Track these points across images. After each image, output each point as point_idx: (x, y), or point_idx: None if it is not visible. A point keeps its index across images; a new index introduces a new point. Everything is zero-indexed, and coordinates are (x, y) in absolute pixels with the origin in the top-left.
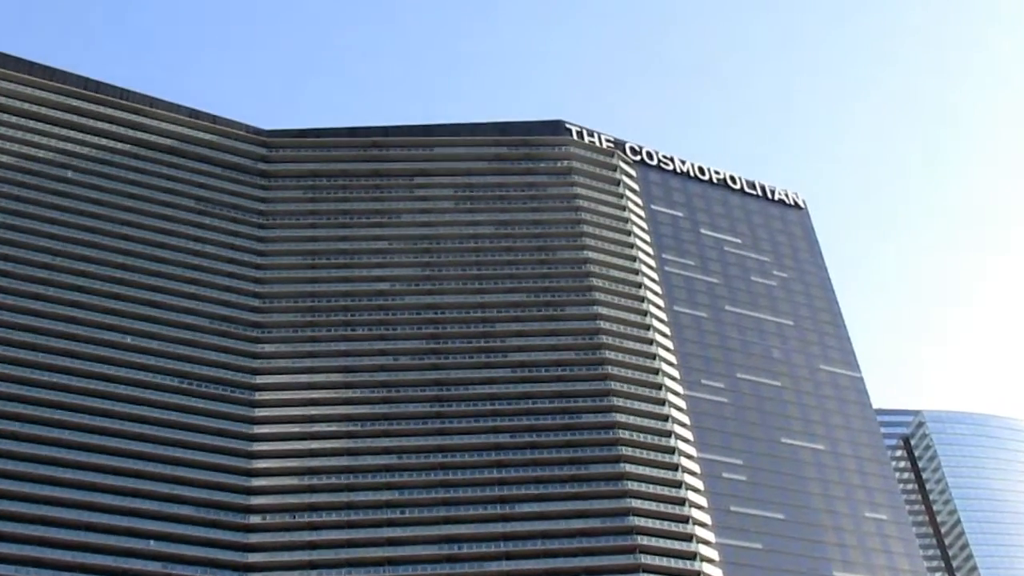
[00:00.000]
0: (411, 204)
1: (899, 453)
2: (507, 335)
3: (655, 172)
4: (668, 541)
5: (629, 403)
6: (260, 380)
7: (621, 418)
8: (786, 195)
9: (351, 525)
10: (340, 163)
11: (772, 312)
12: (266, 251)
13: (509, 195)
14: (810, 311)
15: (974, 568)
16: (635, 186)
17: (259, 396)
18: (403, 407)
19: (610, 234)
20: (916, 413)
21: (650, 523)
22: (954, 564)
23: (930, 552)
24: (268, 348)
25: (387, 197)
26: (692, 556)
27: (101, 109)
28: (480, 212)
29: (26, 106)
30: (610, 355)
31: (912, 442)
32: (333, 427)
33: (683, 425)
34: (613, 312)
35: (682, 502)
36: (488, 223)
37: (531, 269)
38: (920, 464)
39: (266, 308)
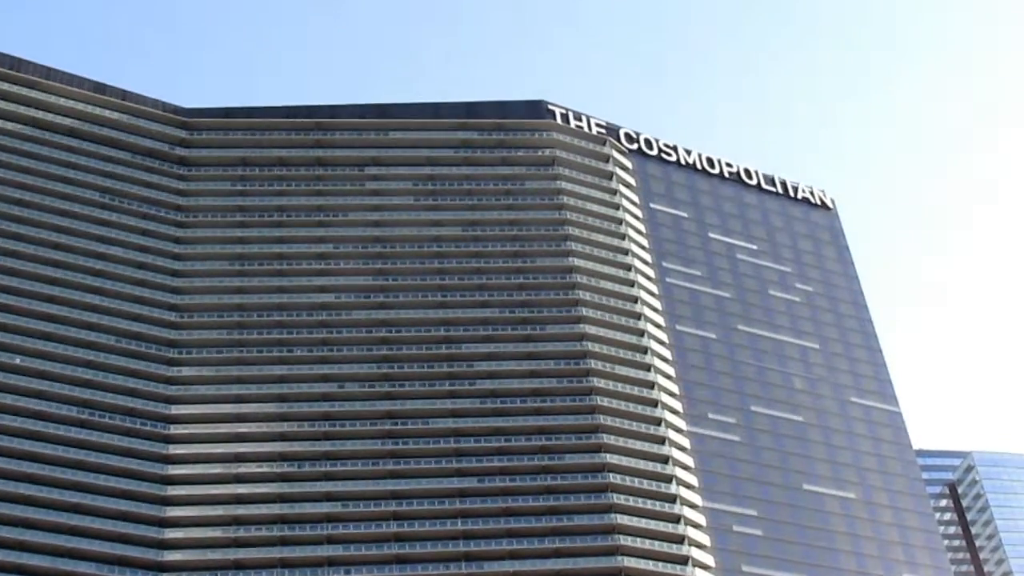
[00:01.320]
0: (361, 200)
1: (944, 503)
2: (475, 358)
3: (655, 164)
4: None
5: (621, 441)
6: (176, 411)
7: (612, 459)
8: (811, 193)
9: None
10: (276, 149)
11: (794, 333)
12: (185, 254)
13: (479, 190)
14: (839, 332)
15: None
16: (631, 180)
17: (174, 430)
18: (348, 445)
19: (601, 238)
20: (964, 455)
21: None
22: None
23: None
24: (186, 372)
25: (332, 191)
26: None
27: None
28: (444, 210)
29: None
30: (599, 383)
31: (959, 489)
32: (264, 468)
33: (686, 468)
34: (603, 332)
35: (684, 560)
36: (454, 223)
37: (505, 279)
38: (968, 516)
39: (184, 323)
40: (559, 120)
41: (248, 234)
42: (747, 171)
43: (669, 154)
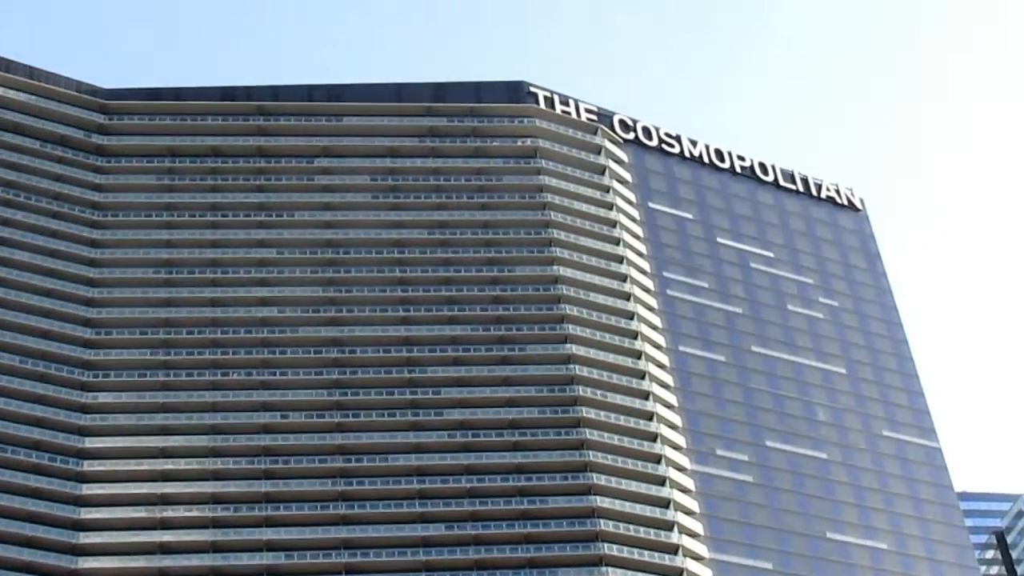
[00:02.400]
0: (310, 197)
1: (990, 553)
2: (443, 384)
3: (655, 156)
4: None
5: (614, 482)
6: (90, 444)
7: (603, 503)
8: (837, 192)
9: None
10: (209, 137)
11: (816, 356)
12: (102, 260)
13: (448, 186)
14: (869, 355)
15: None
16: (626, 176)
17: (88, 467)
18: (293, 485)
19: (591, 243)
20: (1014, 498)
21: None
22: None
23: None
24: (103, 399)
25: (276, 187)
26: None
27: None
28: (407, 210)
29: None
30: (588, 414)
31: (1008, 538)
32: (194, 512)
33: (689, 514)
34: (593, 354)
35: None
36: (419, 225)
37: (479, 292)
38: (1019, 569)
39: (101, 341)
40: (542, 104)
41: (177, 237)
42: (762, 166)
43: (671, 145)
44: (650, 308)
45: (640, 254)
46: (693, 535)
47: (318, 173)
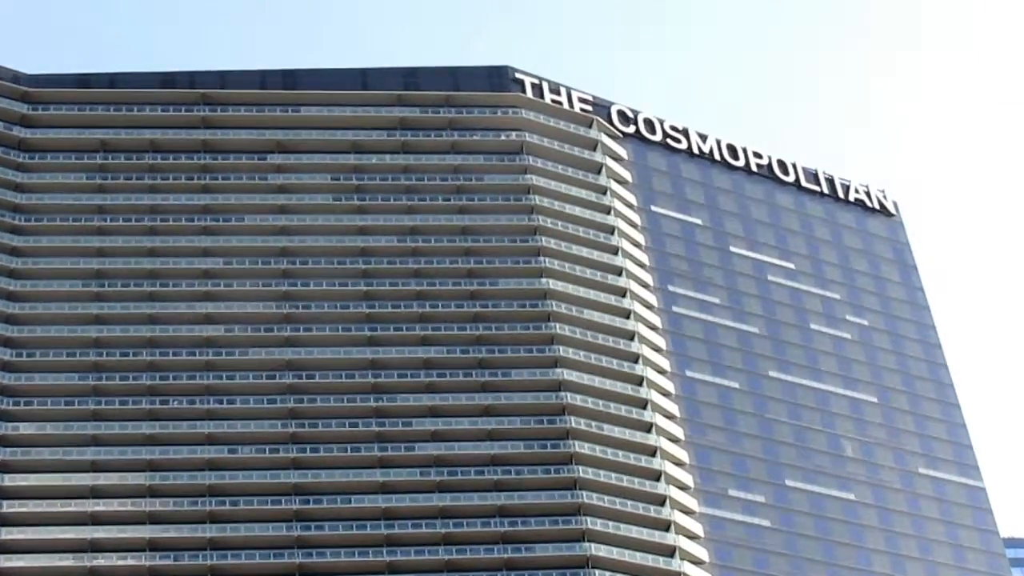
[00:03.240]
0: (262, 199)
1: None
2: (413, 414)
3: (659, 153)
4: None
5: (612, 527)
6: (9, 482)
7: (600, 551)
8: (868, 194)
9: None
10: (147, 130)
11: (844, 382)
12: (23, 270)
13: (421, 187)
14: (904, 382)
15: None
16: (626, 175)
17: (8, 508)
18: (242, 530)
19: (585, 253)
20: None
21: None
22: None
23: None
24: (24, 429)
25: (223, 187)
26: None
27: None
28: (374, 214)
29: None
30: (582, 449)
31: None
32: (128, 561)
33: (698, 564)
34: (587, 379)
35: None
36: (387, 231)
37: (456, 308)
38: None
39: (21, 364)
40: (529, 93)
41: (109, 244)
42: (782, 164)
43: (678, 140)
44: (653, 327)
45: (641, 265)
46: None
47: (271, 171)
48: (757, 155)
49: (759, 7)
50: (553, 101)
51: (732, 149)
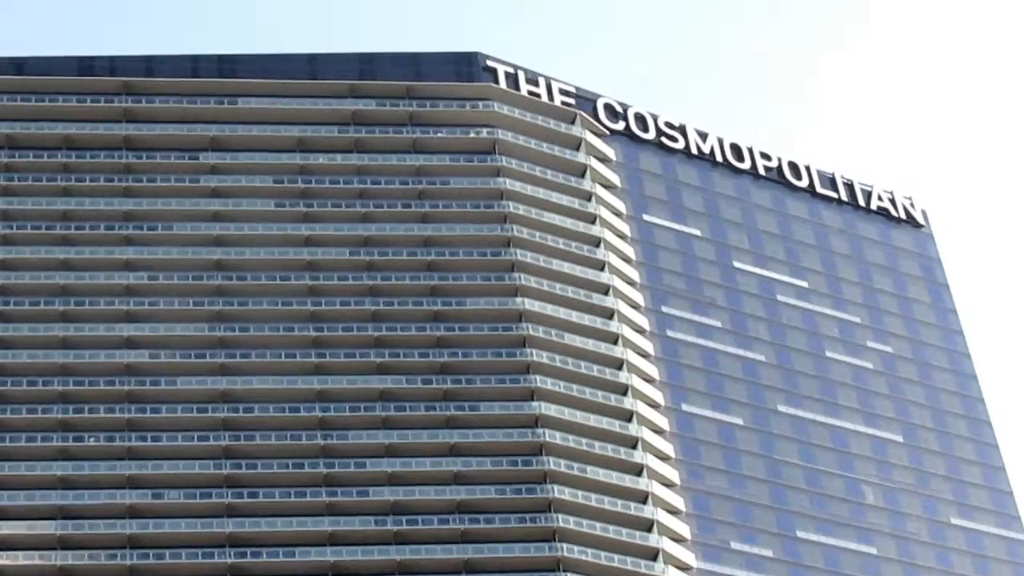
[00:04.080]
0: (194, 205)
1: None
2: (367, 453)
3: (651, 153)
4: None
5: None
6: None
7: None
8: (893, 202)
9: None
10: (60, 124)
11: (864, 418)
12: None
13: (378, 191)
14: (933, 418)
15: None
16: (614, 178)
17: None
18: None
19: (566, 268)
20: None
21: None
22: None
23: None
24: None
25: (148, 190)
26: None
27: None
28: (323, 222)
29: None
30: (562, 495)
31: None
32: None
33: None
34: (568, 415)
35: None
36: (337, 243)
37: (417, 331)
38: None
39: None
40: (503, 83)
41: (15, 256)
42: (794, 167)
43: (674, 139)
44: (644, 355)
45: (631, 283)
46: None
47: (204, 172)
48: (765, 156)
49: None
50: (530, 93)
51: (736, 149)
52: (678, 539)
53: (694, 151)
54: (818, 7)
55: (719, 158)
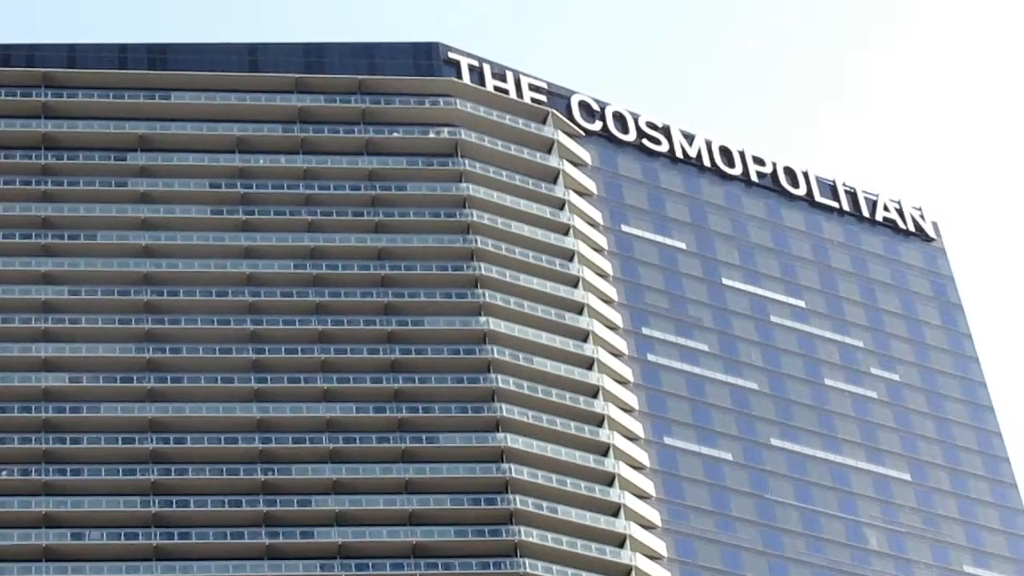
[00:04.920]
0: (120, 211)
1: None
2: (312, 490)
3: (631, 157)
4: None
5: None
6: None
7: None
8: (899, 212)
9: None
10: None
11: (868, 454)
12: None
13: (327, 198)
14: (945, 454)
15: None
16: (590, 184)
17: None
18: None
19: (536, 285)
20: None
21: None
22: None
23: None
24: None
25: (69, 194)
26: None
27: None
28: (264, 231)
29: None
30: (529, 537)
31: None
32: None
33: None
34: (537, 448)
35: None
36: (279, 254)
37: (368, 354)
38: None
39: None
40: (466, 78)
41: None
42: (790, 173)
43: (657, 141)
44: (622, 381)
45: (608, 301)
46: None
47: (132, 175)
48: (758, 161)
49: None
50: (496, 89)
51: (726, 153)
52: None
53: (679, 155)
54: None
55: (707, 163)
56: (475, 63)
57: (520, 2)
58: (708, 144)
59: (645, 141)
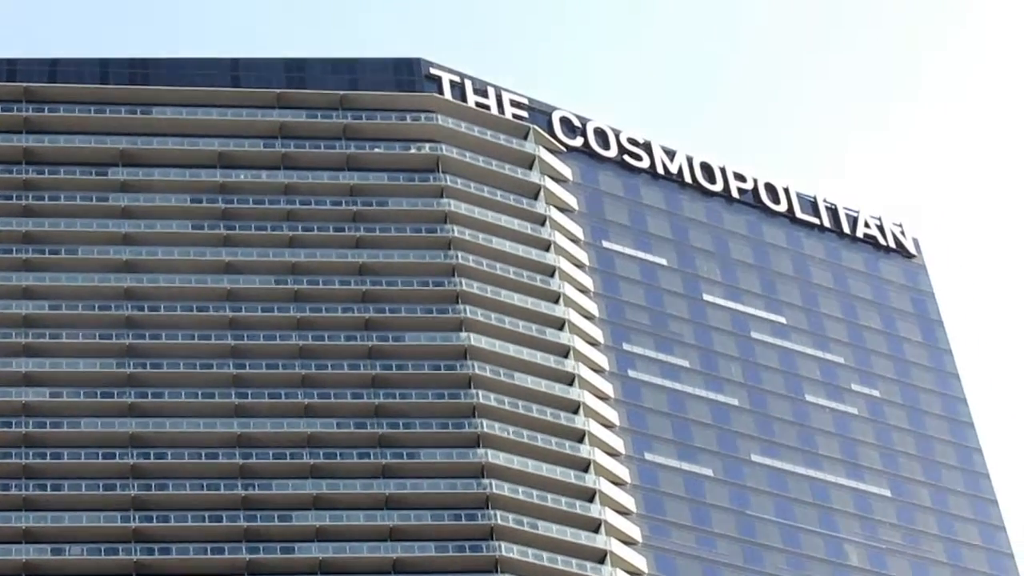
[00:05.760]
0: (100, 226)
1: None
2: (294, 505)
3: (613, 173)
4: None
5: None
6: None
7: None
8: (881, 229)
9: None
10: None
11: (849, 470)
12: None
13: (308, 213)
14: (925, 469)
15: None
16: (571, 200)
17: None
18: None
19: (517, 301)
20: None
21: None
22: None
23: None
24: None
25: (51, 209)
26: None
27: None
28: (244, 247)
29: None
30: (510, 553)
31: None
32: None
33: None
34: (518, 464)
35: None
36: (260, 269)
37: (349, 369)
38: None
39: None
40: (447, 94)
41: None
42: (771, 189)
43: (638, 157)
44: (603, 397)
45: (589, 317)
46: None
47: (113, 190)
48: (739, 177)
49: None
50: (478, 104)
51: (707, 169)
52: None
53: (660, 171)
54: (799, 8)
55: (688, 179)
56: (456, 79)
57: (502, 18)
58: (689, 160)
59: (626, 157)
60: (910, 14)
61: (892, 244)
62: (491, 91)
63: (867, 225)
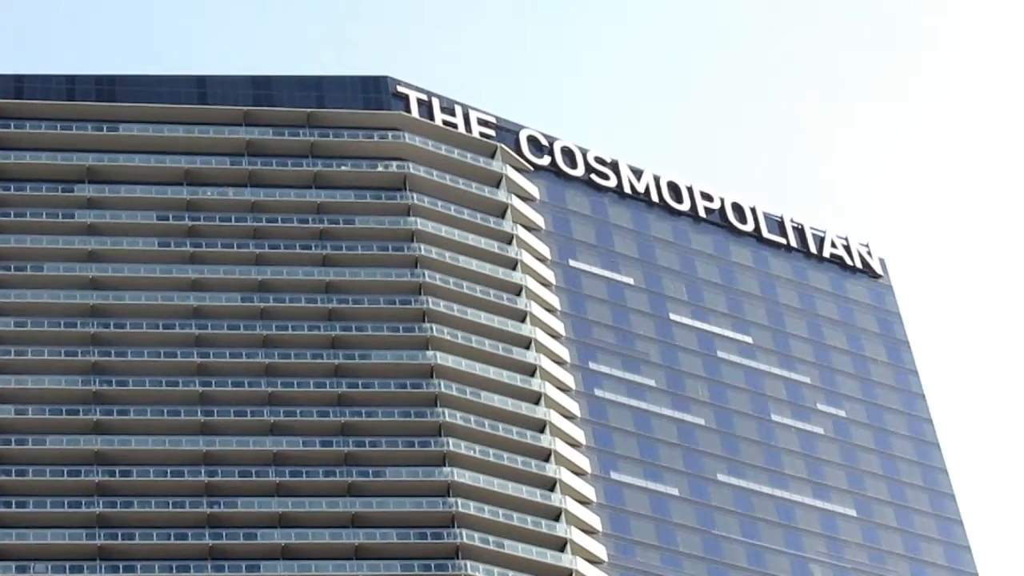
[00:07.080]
0: (66, 242)
1: None
2: (259, 524)
3: (580, 192)
4: None
5: None
6: None
7: None
8: (848, 249)
9: None
10: None
11: (815, 490)
12: None
13: (274, 231)
14: (891, 490)
15: None
16: (538, 219)
17: None
18: None
19: (484, 320)
20: None
21: None
22: None
23: None
24: None
25: (16, 225)
26: None
27: None
28: (210, 264)
29: None
30: (476, 573)
31: None
32: None
33: None
34: (484, 483)
35: None
36: (227, 287)
37: (314, 388)
38: None
39: None
40: (415, 111)
41: None
42: (738, 209)
43: (605, 176)
44: (569, 416)
45: (556, 336)
46: None
47: (79, 207)
48: (706, 197)
49: (713, 7)
50: (445, 123)
51: (674, 189)
52: None
53: (627, 190)
54: (767, 30)
55: (655, 198)
56: (424, 97)
57: (469, 37)
58: (656, 179)
59: (593, 176)
60: (876, 36)
61: (859, 264)
62: (458, 109)
63: (834, 245)
